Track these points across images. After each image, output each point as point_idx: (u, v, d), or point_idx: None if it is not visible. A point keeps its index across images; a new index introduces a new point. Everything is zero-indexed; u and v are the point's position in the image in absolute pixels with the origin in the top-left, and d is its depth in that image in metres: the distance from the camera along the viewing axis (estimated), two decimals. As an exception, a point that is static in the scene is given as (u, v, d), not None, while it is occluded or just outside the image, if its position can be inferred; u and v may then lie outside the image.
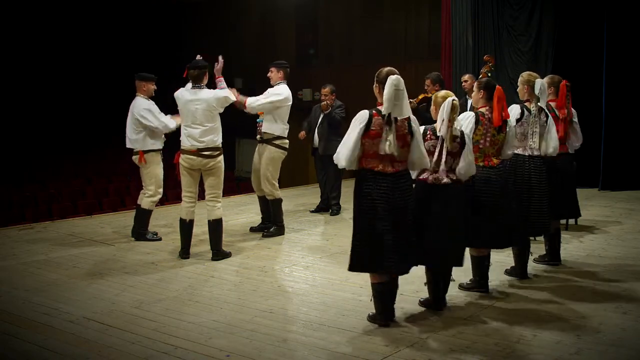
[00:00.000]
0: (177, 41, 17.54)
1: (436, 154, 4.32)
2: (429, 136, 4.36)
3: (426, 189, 4.36)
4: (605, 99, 9.79)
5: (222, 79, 6.36)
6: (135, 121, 6.74)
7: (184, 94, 6.08)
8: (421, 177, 4.38)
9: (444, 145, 4.31)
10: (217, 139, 6.07)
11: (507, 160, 4.97)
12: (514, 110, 5.21)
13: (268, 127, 7.02)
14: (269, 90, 7.04)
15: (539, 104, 5.26)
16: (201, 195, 6.35)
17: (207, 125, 5.99)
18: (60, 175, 13.68)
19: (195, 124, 5.99)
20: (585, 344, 3.87)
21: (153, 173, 6.86)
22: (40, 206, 11.62)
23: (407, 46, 14.48)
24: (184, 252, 6.12)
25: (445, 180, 4.34)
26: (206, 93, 6.03)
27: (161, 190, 6.99)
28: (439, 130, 4.33)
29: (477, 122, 4.71)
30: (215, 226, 6.08)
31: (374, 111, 4.12)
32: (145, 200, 6.87)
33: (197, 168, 6.06)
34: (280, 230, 7.13)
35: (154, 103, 6.83)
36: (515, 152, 5.17)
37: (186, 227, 6.14)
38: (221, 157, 6.12)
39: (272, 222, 7.17)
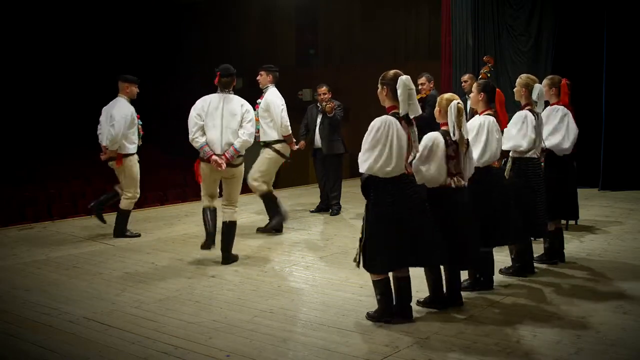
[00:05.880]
0: (177, 41, 17.55)
1: (458, 158, 4.37)
2: (449, 142, 4.37)
3: (448, 194, 4.39)
4: (605, 99, 9.79)
5: None
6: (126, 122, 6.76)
7: (212, 100, 5.83)
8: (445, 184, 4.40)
9: (460, 149, 4.36)
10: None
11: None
12: (529, 118, 5.15)
13: (265, 134, 7.08)
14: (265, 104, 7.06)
15: (535, 108, 5.28)
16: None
17: (231, 132, 5.79)
18: (60, 175, 13.68)
19: (218, 129, 5.78)
20: (585, 344, 3.87)
21: (132, 176, 6.94)
22: (40, 206, 11.61)
23: (407, 46, 14.49)
24: (209, 242, 5.89)
25: (464, 182, 4.44)
26: (236, 102, 5.84)
27: (139, 191, 7.08)
28: (454, 135, 4.34)
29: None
30: (230, 228, 5.97)
31: (398, 117, 4.14)
32: (124, 201, 6.99)
33: (217, 174, 5.89)
34: (279, 221, 7.13)
35: (133, 111, 6.83)
36: (526, 155, 5.22)
37: (210, 214, 5.92)
38: (242, 165, 6.00)
39: (269, 217, 7.19)
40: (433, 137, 4.36)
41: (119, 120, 6.67)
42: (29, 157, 14.63)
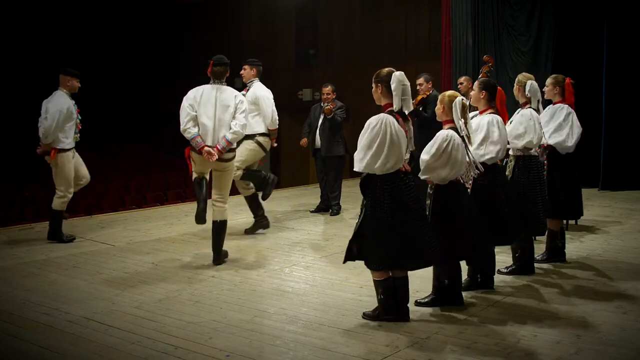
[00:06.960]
0: (177, 41, 17.55)
1: (467, 154, 4.40)
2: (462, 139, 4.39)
3: (459, 190, 4.41)
4: (605, 98, 9.80)
5: None
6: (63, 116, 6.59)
7: (205, 90, 5.81)
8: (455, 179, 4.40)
9: (467, 144, 4.39)
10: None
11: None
12: (534, 115, 5.20)
13: (250, 127, 6.83)
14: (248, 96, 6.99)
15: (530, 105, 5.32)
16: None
17: (224, 123, 5.76)
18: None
19: (211, 120, 5.73)
20: (585, 344, 3.87)
21: (64, 173, 6.68)
22: (40, 206, 11.61)
23: (407, 46, 14.49)
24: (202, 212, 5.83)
25: (470, 179, 4.49)
26: (229, 93, 5.83)
27: (72, 190, 6.79)
28: (461, 131, 4.34)
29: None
30: (220, 227, 5.93)
31: (395, 114, 4.15)
32: (56, 201, 6.74)
33: (208, 166, 5.88)
34: (260, 222, 7.10)
35: (70, 105, 6.66)
36: (530, 153, 5.26)
37: (200, 182, 5.87)
38: (234, 160, 6.00)
39: (253, 216, 7.18)
40: (450, 138, 4.30)
41: (53, 113, 6.50)
42: (29, 157, 14.59)
